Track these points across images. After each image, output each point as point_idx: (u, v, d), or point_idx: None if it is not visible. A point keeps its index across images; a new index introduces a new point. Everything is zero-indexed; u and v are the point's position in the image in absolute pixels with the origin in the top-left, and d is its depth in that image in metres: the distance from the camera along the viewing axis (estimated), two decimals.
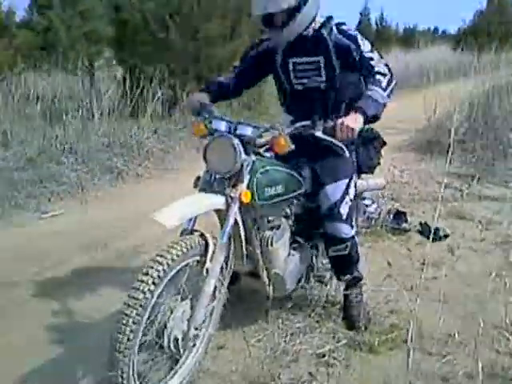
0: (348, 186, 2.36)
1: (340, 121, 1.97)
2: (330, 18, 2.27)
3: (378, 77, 2.11)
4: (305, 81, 2.31)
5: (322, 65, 2.24)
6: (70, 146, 5.11)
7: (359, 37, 2.22)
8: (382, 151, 2.66)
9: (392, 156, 5.60)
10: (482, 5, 21.25)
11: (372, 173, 2.70)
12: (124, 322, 1.63)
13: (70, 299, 2.70)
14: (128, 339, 1.63)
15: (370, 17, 21.99)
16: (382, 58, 2.22)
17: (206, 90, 2.36)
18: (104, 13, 8.55)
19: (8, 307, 2.64)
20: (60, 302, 2.67)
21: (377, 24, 21.76)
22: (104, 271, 3.08)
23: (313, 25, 2.21)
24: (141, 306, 1.64)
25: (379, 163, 2.65)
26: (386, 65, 2.19)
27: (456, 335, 2.34)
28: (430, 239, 2.42)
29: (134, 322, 1.64)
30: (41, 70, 8.40)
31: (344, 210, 2.34)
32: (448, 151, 2.41)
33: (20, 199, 4.11)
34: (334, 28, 2.23)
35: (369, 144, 2.54)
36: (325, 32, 2.22)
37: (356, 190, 2.49)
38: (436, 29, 30.03)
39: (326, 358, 2.22)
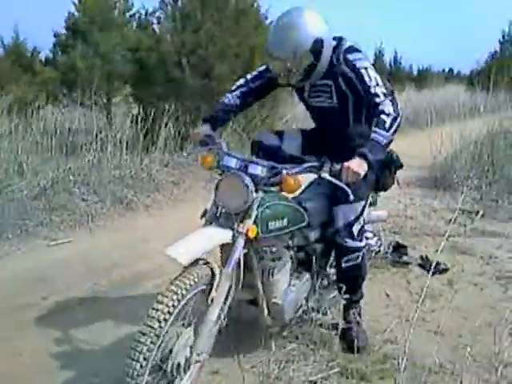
0: (363, 208, 2.46)
1: (346, 165, 2.02)
2: (340, 43, 2.30)
3: (382, 117, 2.13)
4: (319, 99, 2.42)
5: (333, 89, 2.34)
6: (82, 178, 5.25)
7: (364, 71, 2.23)
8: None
9: (398, 191, 5.68)
10: (496, 47, 21.52)
11: (385, 190, 2.79)
12: (138, 349, 1.69)
13: (74, 324, 2.76)
14: (141, 366, 1.68)
15: (384, 57, 22.36)
16: (390, 92, 2.23)
17: (208, 119, 2.47)
18: (124, 53, 8.89)
19: (14, 330, 2.71)
20: (64, 326, 2.73)
21: (390, 65, 22.07)
22: (107, 297, 3.15)
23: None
24: (155, 334, 1.71)
25: (393, 183, 2.75)
26: (393, 101, 2.19)
27: (447, 366, 2.34)
28: (430, 272, 2.47)
29: (148, 350, 1.69)
30: (60, 104, 8.70)
31: (356, 229, 2.44)
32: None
33: (30, 227, 4.23)
34: (342, 57, 2.26)
35: (387, 166, 2.61)
36: (334, 58, 2.27)
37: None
38: (451, 70, 30.23)
39: None
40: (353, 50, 2.30)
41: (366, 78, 2.21)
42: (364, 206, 2.47)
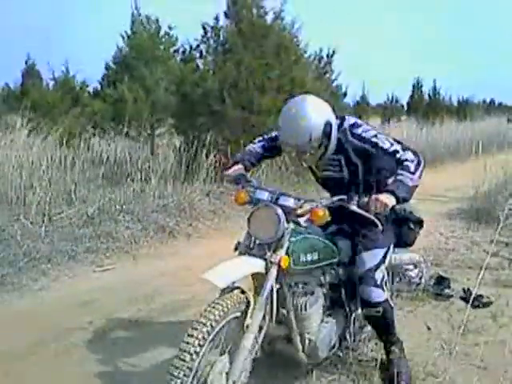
0: (385, 255, 2.50)
1: (374, 196, 2.13)
2: (342, 120, 2.42)
3: (406, 163, 2.25)
4: (328, 172, 2.53)
5: (343, 162, 2.44)
6: (127, 206, 5.45)
7: (375, 139, 2.34)
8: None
9: (439, 223, 5.63)
10: None
11: (407, 246, 2.83)
12: (175, 373, 1.75)
13: (118, 348, 2.87)
14: None
15: (423, 89, 22.20)
16: (405, 146, 2.34)
17: (240, 161, 2.58)
18: (167, 87, 9.23)
19: (62, 352, 2.83)
20: (108, 349, 2.85)
21: (429, 96, 21.88)
22: (149, 323, 3.24)
23: None
24: (188, 367, 1.76)
25: (413, 242, 2.80)
26: (412, 151, 2.32)
27: None
28: (470, 304, 2.45)
29: (184, 375, 1.75)
30: (107, 136, 9.06)
31: (378, 276, 2.46)
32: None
33: (78, 253, 4.40)
34: (349, 133, 2.38)
35: (406, 223, 2.70)
36: (341, 136, 2.38)
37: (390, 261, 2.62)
38: (492, 101, 29.80)
39: None
40: (357, 125, 2.42)
41: (380, 143, 2.32)
42: (385, 254, 2.51)
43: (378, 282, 2.45)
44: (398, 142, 2.35)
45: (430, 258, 4.27)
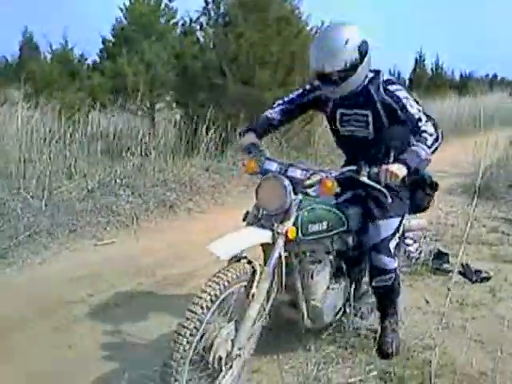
0: (400, 224, 2.50)
1: (385, 167, 2.11)
2: (377, 74, 2.40)
3: (424, 135, 2.20)
4: (351, 129, 2.48)
5: (371, 119, 2.39)
6: (127, 181, 5.44)
7: (406, 100, 2.30)
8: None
9: (439, 198, 5.61)
10: None
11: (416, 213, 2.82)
12: (182, 332, 1.80)
13: (119, 320, 2.89)
14: (184, 349, 1.79)
15: (425, 63, 21.96)
16: (429, 117, 2.30)
17: (253, 129, 2.55)
18: (167, 60, 9.12)
19: (63, 325, 2.86)
20: (110, 322, 2.87)
21: (432, 70, 21.68)
22: (151, 296, 3.27)
23: (363, 81, 2.37)
24: (198, 319, 1.82)
25: (428, 206, 2.77)
26: (434, 124, 2.27)
27: (488, 373, 2.33)
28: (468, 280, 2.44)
29: (190, 334, 1.80)
30: (106, 110, 8.98)
31: (392, 245, 2.48)
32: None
33: (78, 227, 4.41)
34: (382, 87, 2.35)
35: (420, 187, 2.65)
36: (372, 89, 2.36)
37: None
38: (495, 75, 29.54)
39: None
40: (392, 82, 2.40)
41: (409, 107, 2.29)
42: (400, 223, 2.51)
43: (392, 251, 2.48)
44: (427, 114, 2.31)
45: (430, 233, 4.27)
